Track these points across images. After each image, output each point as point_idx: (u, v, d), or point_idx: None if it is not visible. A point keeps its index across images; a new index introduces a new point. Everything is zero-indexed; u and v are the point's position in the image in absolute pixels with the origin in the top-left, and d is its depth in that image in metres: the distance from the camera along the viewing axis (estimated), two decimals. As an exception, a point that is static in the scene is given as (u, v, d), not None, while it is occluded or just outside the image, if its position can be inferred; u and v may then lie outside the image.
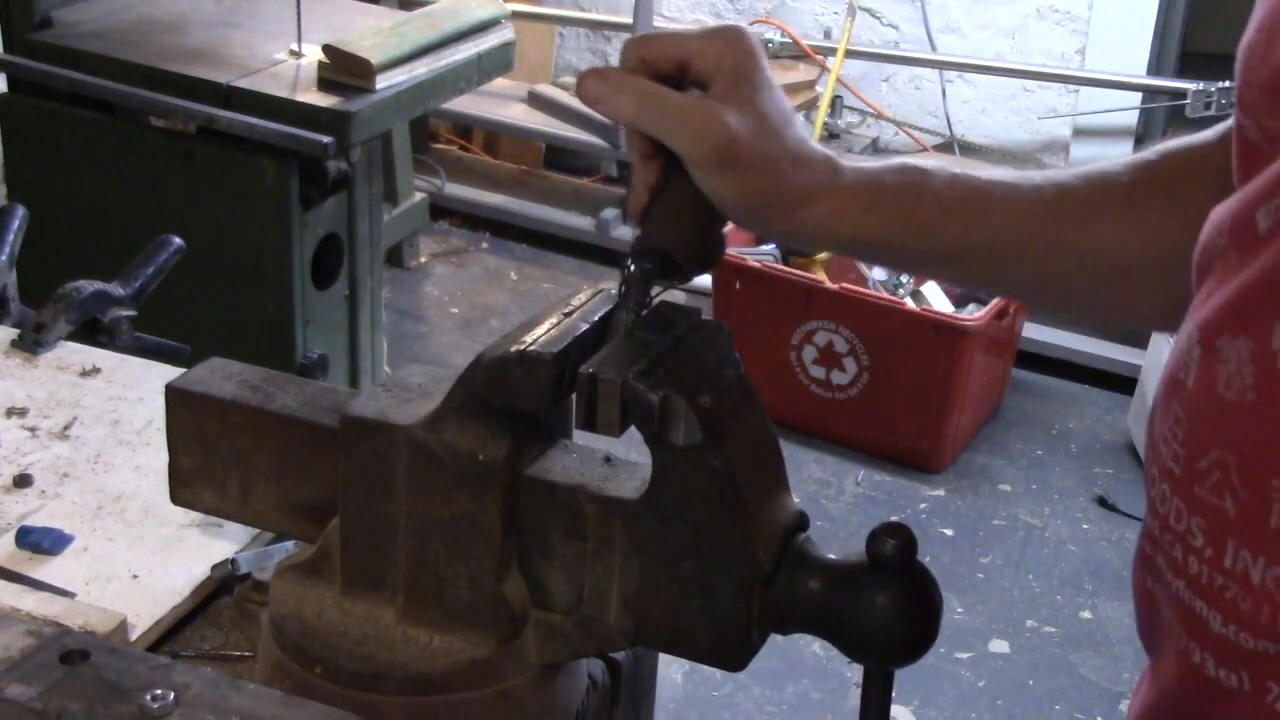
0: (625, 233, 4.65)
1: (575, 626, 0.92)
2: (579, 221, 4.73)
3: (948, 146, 4.76)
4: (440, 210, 4.82)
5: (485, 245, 4.80)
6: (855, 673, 3.06)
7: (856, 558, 0.87)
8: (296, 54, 2.93)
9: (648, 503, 0.87)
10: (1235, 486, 0.77)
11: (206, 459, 1.03)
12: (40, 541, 1.27)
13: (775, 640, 0.92)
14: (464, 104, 4.43)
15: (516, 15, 4.18)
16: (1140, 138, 4.60)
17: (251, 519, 1.06)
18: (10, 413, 1.47)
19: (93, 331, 1.63)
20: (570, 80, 4.96)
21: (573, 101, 4.74)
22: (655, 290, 0.95)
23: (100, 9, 3.07)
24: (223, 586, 1.26)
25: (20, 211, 1.74)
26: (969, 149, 4.79)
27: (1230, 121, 0.89)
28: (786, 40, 4.58)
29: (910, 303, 3.74)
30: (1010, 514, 3.59)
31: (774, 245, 3.92)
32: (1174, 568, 0.83)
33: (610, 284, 0.97)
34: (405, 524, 0.91)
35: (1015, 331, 3.90)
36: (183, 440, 1.03)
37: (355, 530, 0.93)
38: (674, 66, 0.96)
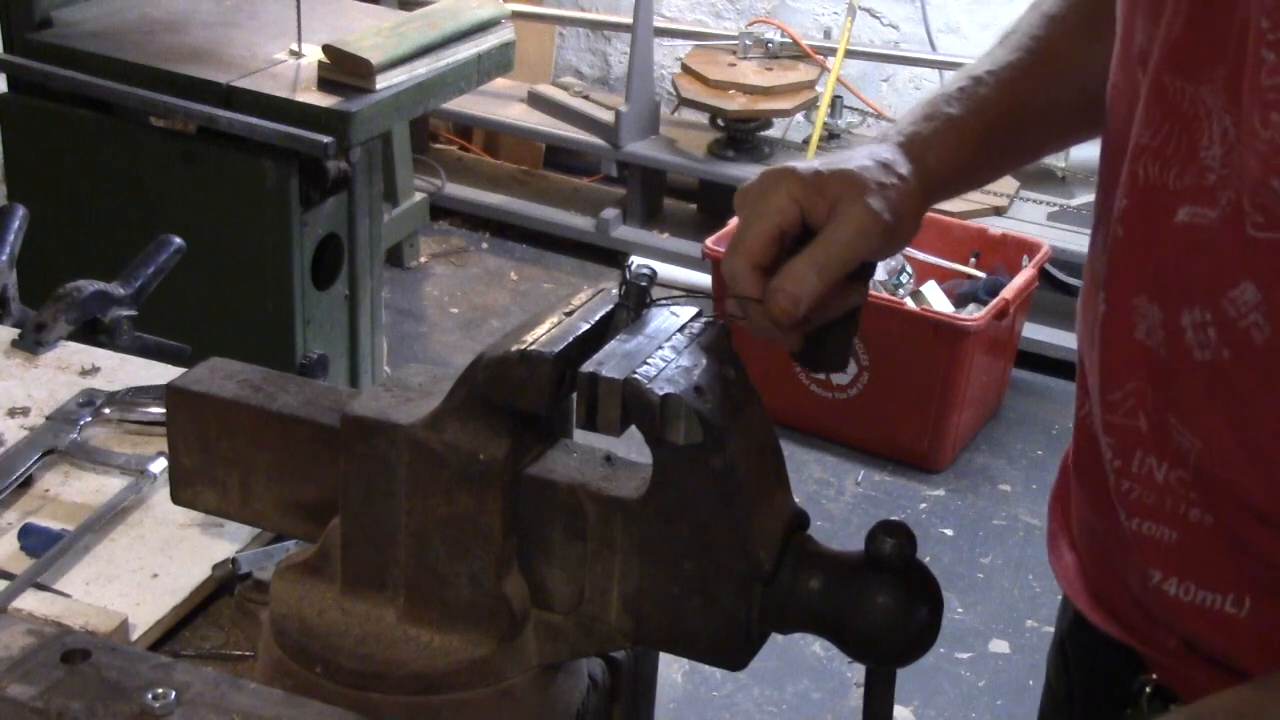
0: (625, 232, 4.65)
1: (575, 626, 0.92)
2: (579, 221, 4.73)
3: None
4: (440, 210, 4.82)
5: (485, 245, 4.80)
6: (855, 673, 3.06)
7: (856, 557, 0.87)
8: (296, 54, 2.93)
9: (648, 502, 0.87)
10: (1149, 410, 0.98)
11: (207, 459, 1.03)
12: (41, 542, 1.27)
13: (775, 640, 0.92)
14: (464, 104, 4.44)
15: (516, 15, 4.18)
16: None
17: (252, 519, 1.06)
18: (11, 413, 1.47)
19: (93, 331, 1.63)
20: (570, 80, 4.96)
21: (573, 101, 4.74)
22: (655, 290, 0.96)
23: (100, 9, 3.07)
24: (223, 586, 1.26)
25: (20, 211, 1.74)
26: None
27: None
28: (786, 40, 4.59)
29: (910, 303, 3.74)
30: (1010, 514, 3.59)
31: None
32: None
33: (610, 284, 0.97)
34: (406, 523, 0.91)
35: (1015, 331, 3.90)
36: (183, 440, 1.03)
37: (356, 530, 0.93)
38: (782, 239, 1.00)
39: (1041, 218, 4.33)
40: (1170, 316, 0.94)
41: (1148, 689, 1.09)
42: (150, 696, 0.81)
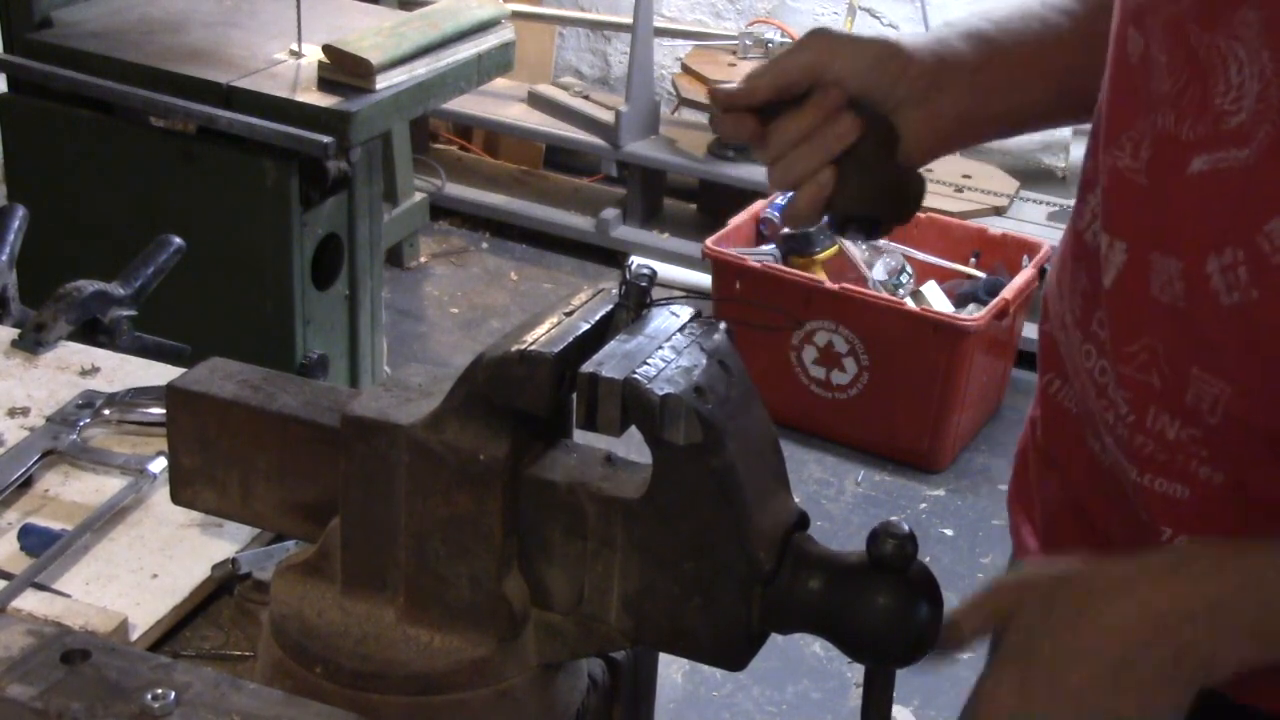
0: (625, 232, 4.65)
1: (575, 626, 0.92)
2: (579, 221, 4.73)
3: (948, 146, 4.75)
4: (440, 210, 4.82)
5: (485, 245, 4.80)
6: (855, 673, 3.06)
7: (857, 557, 0.87)
8: (296, 54, 2.93)
9: (648, 502, 0.87)
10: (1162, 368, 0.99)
11: (207, 459, 1.03)
12: (41, 542, 1.27)
13: (775, 640, 0.92)
14: (464, 104, 4.43)
15: (516, 15, 4.18)
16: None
17: (252, 519, 1.06)
18: (11, 413, 1.47)
19: (93, 331, 1.63)
20: (570, 80, 4.96)
21: (573, 101, 4.74)
22: (655, 290, 0.96)
23: (100, 9, 3.07)
24: (223, 586, 1.26)
25: (20, 211, 1.74)
26: (968, 148, 4.79)
27: None
28: (786, 40, 4.58)
29: (910, 303, 3.74)
30: (1010, 514, 3.59)
31: (773, 245, 3.92)
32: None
33: (610, 284, 0.97)
34: (406, 524, 0.91)
35: (1015, 331, 3.89)
36: (183, 440, 1.03)
37: (356, 530, 0.93)
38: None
39: (1041, 218, 4.33)
40: (1192, 266, 0.96)
41: None
42: (150, 697, 0.81)
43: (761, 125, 1.07)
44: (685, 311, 0.94)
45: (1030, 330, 4.03)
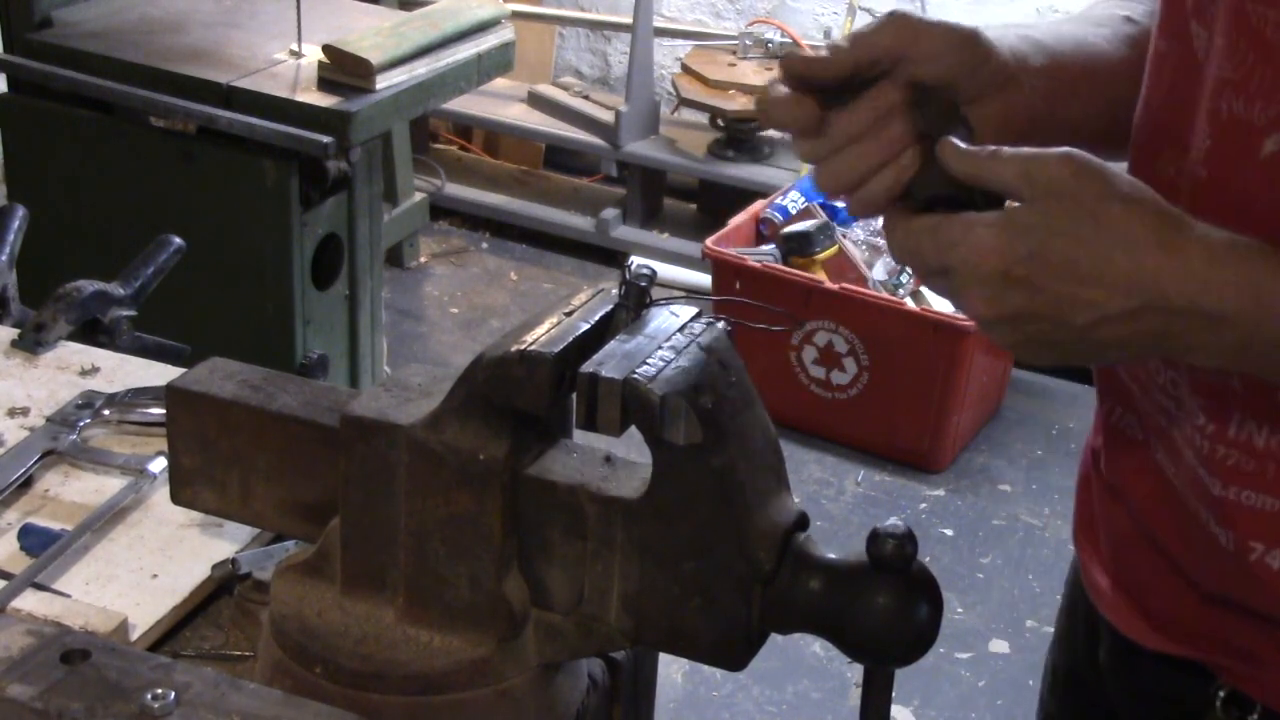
0: (625, 232, 4.65)
1: (575, 626, 0.92)
2: (579, 221, 4.73)
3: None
4: (440, 210, 4.82)
5: (485, 245, 4.80)
6: (855, 673, 3.06)
7: (857, 557, 0.87)
8: (296, 54, 2.93)
9: (648, 502, 0.87)
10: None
11: (207, 459, 1.03)
12: (40, 542, 1.27)
13: (775, 640, 0.92)
14: (464, 104, 4.43)
15: (516, 15, 4.18)
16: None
17: (252, 519, 1.06)
18: (11, 413, 1.47)
19: (93, 331, 1.63)
20: (570, 80, 4.96)
21: (573, 101, 4.74)
22: (655, 290, 0.96)
23: (100, 9, 3.07)
24: (223, 586, 1.26)
25: (20, 211, 1.74)
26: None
27: None
28: (786, 40, 4.58)
29: (910, 303, 3.74)
30: (1010, 514, 3.59)
31: (773, 245, 3.92)
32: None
33: (610, 284, 0.97)
34: (406, 524, 0.91)
35: (1015, 331, 3.89)
36: (183, 440, 1.03)
37: (356, 530, 0.93)
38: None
39: (1041, 218, 4.33)
40: None
41: (1221, 693, 1.08)
42: (150, 697, 0.81)
43: (822, 109, 0.99)
44: (685, 311, 0.94)
45: (1030, 330, 4.02)
